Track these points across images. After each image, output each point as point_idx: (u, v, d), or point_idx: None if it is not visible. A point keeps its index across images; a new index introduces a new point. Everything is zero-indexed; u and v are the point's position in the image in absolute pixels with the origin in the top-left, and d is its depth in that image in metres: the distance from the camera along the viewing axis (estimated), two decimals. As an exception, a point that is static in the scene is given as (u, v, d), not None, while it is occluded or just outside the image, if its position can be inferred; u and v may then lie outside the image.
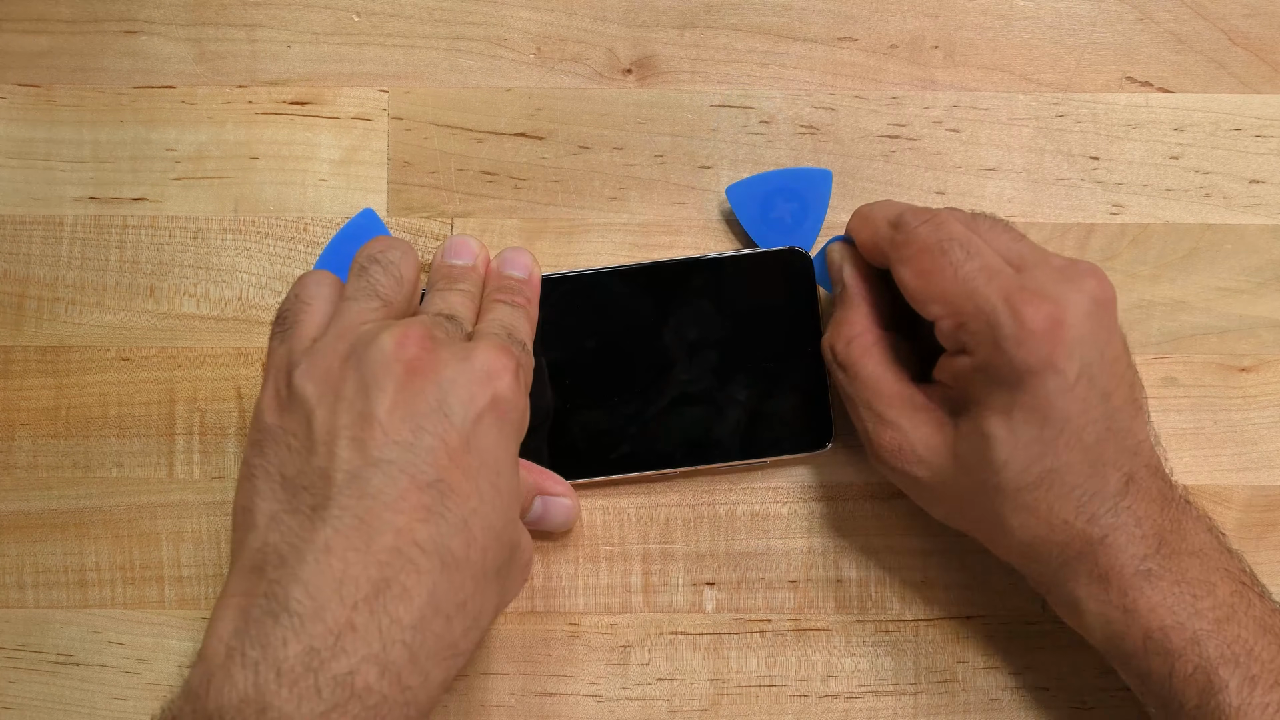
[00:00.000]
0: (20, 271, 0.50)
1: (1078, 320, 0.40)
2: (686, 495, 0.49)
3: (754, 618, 0.49)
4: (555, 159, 0.51)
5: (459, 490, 0.38)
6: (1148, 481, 0.41)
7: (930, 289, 0.42)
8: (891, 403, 0.44)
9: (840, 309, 0.46)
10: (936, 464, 0.43)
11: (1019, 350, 0.40)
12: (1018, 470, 0.41)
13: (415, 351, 0.39)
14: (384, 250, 0.43)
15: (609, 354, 0.48)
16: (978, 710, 0.48)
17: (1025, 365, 0.40)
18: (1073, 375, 0.40)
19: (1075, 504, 0.41)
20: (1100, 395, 0.41)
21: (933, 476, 0.43)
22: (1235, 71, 0.51)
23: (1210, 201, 0.51)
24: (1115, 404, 0.41)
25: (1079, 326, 0.40)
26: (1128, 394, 0.42)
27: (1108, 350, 0.41)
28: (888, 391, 0.44)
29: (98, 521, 0.49)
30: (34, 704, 0.49)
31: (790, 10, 0.51)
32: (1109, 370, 0.41)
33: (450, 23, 0.51)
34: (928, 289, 0.42)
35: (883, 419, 0.44)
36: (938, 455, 0.43)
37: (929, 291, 0.42)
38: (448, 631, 0.37)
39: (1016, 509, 0.41)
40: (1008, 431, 0.41)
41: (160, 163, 0.51)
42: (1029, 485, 0.41)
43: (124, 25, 0.51)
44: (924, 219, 0.43)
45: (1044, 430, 0.40)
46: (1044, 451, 0.40)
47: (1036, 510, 0.41)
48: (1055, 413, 0.40)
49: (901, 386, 0.44)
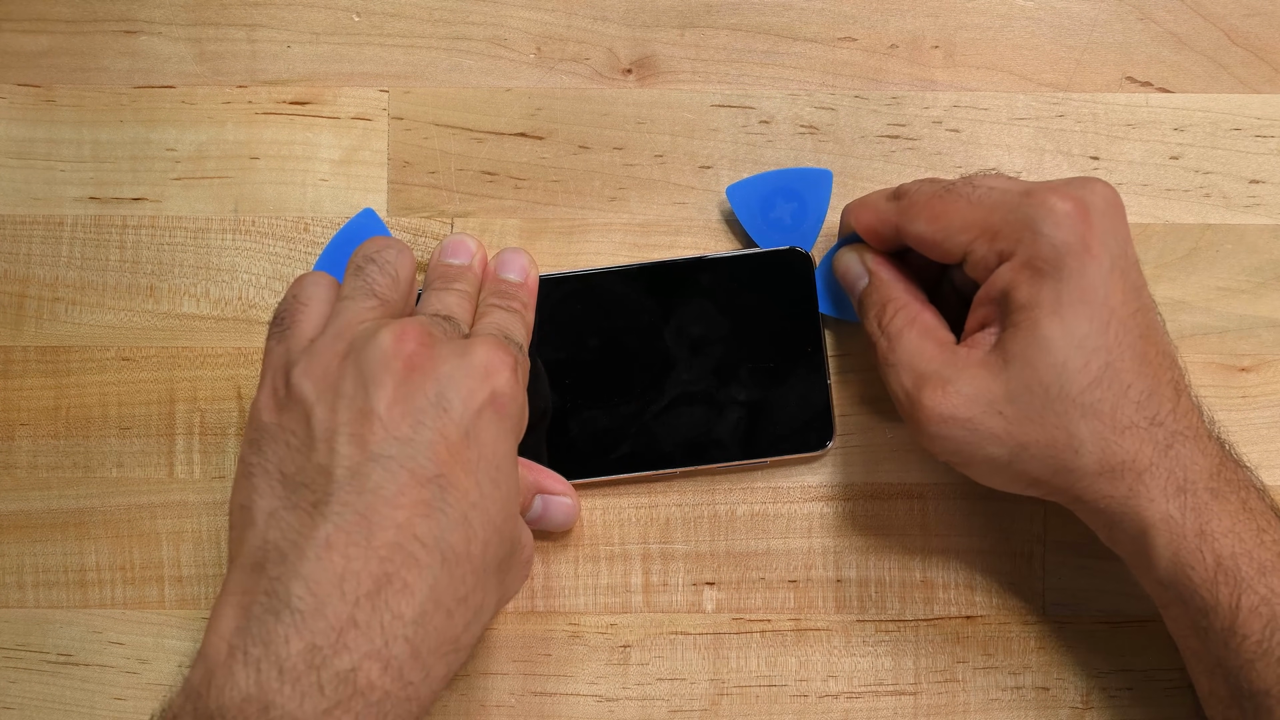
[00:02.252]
0: (20, 271, 0.50)
1: (1099, 211, 0.42)
2: (686, 495, 0.49)
3: (754, 618, 0.49)
4: (555, 159, 0.51)
5: (459, 485, 0.38)
6: (1191, 399, 0.42)
7: (950, 224, 0.43)
8: (938, 360, 0.43)
9: (875, 291, 0.46)
10: (992, 406, 0.42)
11: (1057, 231, 0.41)
12: (1078, 368, 0.41)
13: (414, 348, 0.39)
14: (380, 250, 0.44)
15: (609, 354, 0.48)
16: (978, 710, 0.48)
17: (1065, 245, 0.41)
18: (1107, 261, 0.41)
19: (1135, 403, 0.41)
20: (1134, 289, 0.42)
21: (990, 421, 0.42)
22: (1235, 71, 0.51)
23: (1210, 201, 0.51)
24: (1146, 303, 0.42)
25: (1102, 216, 0.42)
26: (1152, 304, 0.43)
27: (1128, 249, 0.42)
28: (932, 352, 0.44)
29: (98, 521, 0.49)
30: (34, 704, 0.49)
31: (790, 10, 0.51)
32: (1134, 267, 0.42)
33: (450, 23, 0.51)
34: (948, 225, 0.43)
35: (932, 379, 0.43)
36: (992, 395, 0.42)
37: (950, 226, 0.43)
38: (449, 626, 0.38)
39: (1084, 413, 0.41)
40: (1061, 329, 0.41)
41: (160, 163, 0.51)
42: (1090, 384, 0.41)
43: (124, 25, 0.51)
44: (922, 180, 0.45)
45: (1094, 321, 0.41)
46: (1098, 344, 0.41)
47: (1102, 413, 0.41)
48: (1100, 299, 0.41)
49: (946, 347, 0.44)
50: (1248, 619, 0.39)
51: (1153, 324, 0.42)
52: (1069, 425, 0.41)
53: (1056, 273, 0.41)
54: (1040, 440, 0.42)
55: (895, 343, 0.45)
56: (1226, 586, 0.40)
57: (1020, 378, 0.41)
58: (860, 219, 0.46)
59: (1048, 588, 0.49)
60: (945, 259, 0.44)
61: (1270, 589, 0.39)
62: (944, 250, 0.44)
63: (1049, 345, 0.41)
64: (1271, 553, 0.40)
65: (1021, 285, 0.41)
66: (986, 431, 0.42)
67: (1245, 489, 0.41)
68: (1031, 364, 0.41)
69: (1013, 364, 0.42)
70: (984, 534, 0.49)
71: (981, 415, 0.42)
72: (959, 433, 0.42)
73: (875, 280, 0.46)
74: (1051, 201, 0.41)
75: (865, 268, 0.47)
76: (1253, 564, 0.40)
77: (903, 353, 0.44)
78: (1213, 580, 0.40)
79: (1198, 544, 0.40)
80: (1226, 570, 0.40)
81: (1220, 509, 0.40)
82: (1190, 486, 0.41)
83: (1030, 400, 0.41)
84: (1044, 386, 0.41)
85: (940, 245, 0.44)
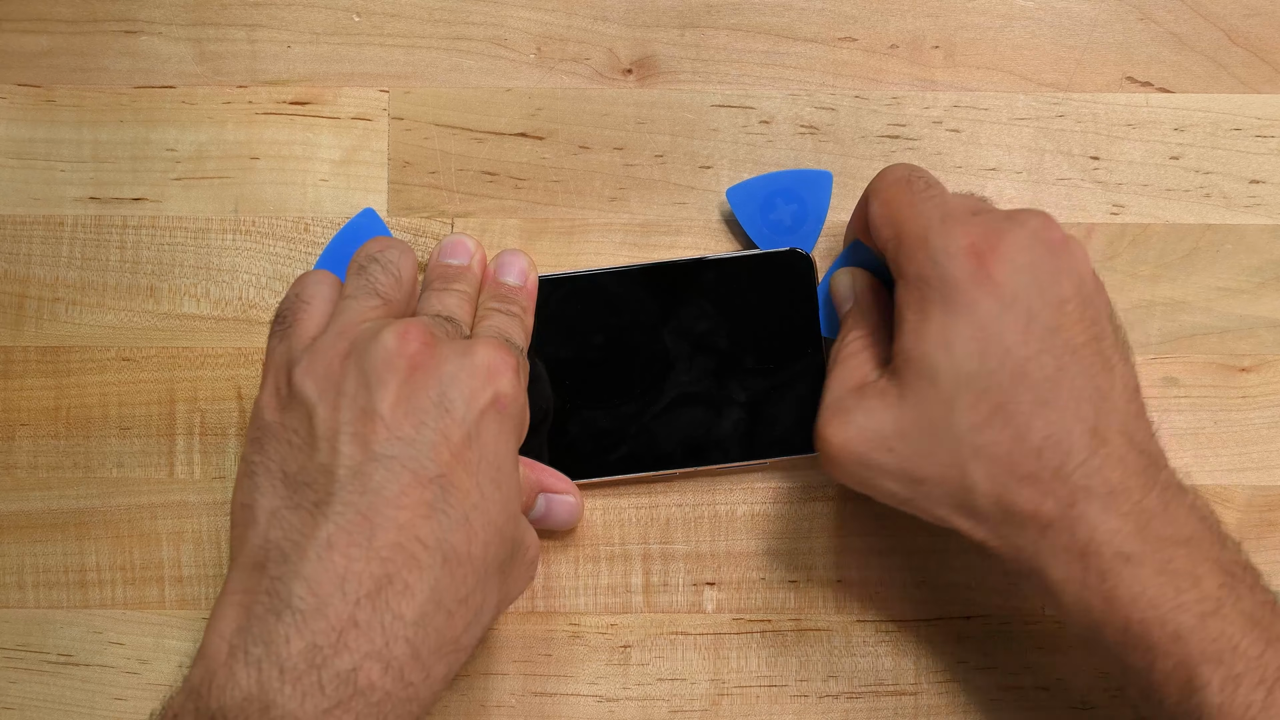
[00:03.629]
0: (20, 271, 0.50)
1: (1012, 248, 0.40)
2: (687, 495, 0.49)
3: (754, 618, 0.49)
4: (555, 159, 0.51)
5: (460, 486, 0.38)
6: (1123, 449, 0.40)
7: (886, 213, 0.43)
8: (848, 388, 0.43)
9: (850, 317, 0.46)
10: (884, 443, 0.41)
11: (949, 263, 0.40)
12: (966, 405, 0.40)
13: (417, 348, 0.39)
14: (383, 250, 0.44)
15: (609, 355, 0.48)
16: (978, 710, 0.48)
17: (954, 279, 0.40)
18: (1006, 295, 0.40)
19: (1035, 450, 0.39)
20: (1045, 330, 0.40)
21: (882, 457, 0.41)
22: (1235, 71, 0.51)
23: (1210, 201, 0.51)
24: (1069, 345, 0.40)
25: (1013, 253, 0.40)
26: (1091, 345, 0.41)
27: (1052, 288, 0.40)
28: (850, 380, 0.44)
29: (98, 521, 0.49)
30: (34, 704, 0.49)
31: (790, 10, 0.51)
32: (1056, 308, 0.40)
33: (450, 23, 0.51)
34: (883, 213, 0.43)
35: (834, 409, 0.43)
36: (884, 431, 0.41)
37: (884, 216, 0.43)
38: (450, 627, 0.38)
39: (976, 455, 0.40)
40: (949, 363, 0.40)
41: (160, 163, 0.51)
42: (980, 423, 0.40)
43: (124, 25, 0.51)
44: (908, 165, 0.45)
45: (984, 358, 0.40)
46: (989, 383, 0.39)
47: (997, 456, 0.39)
48: (991, 337, 0.40)
49: (863, 377, 0.44)
50: (1163, 683, 0.38)
51: (1070, 367, 0.40)
52: (961, 465, 0.40)
53: (944, 304, 0.40)
54: (934, 477, 0.41)
55: (832, 369, 0.45)
56: (1138, 652, 0.38)
57: (910, 413, 0.41)
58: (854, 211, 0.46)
59: (1048, 588, 0.49)
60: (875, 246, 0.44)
61: (1185, 654, 0.38)
62: (876, 236, 0.43)
63: (936, 379, 0.40)
64: (1190, 615, 0.38)
65: (911, 308, 0.41)
66: (879, 467, 0.42)
67: (1174, 545, 0.39)
68: (920, 398, 0.41)
69: (906, 397, 0.41)
70: (984, 534, 0.49)
71: (872, 450, 0.42)
72: (853, 467, 0.42)
73: (856, 306, 0.46)
74: (956, 232, 0.41)
75: (853, 292, 0.47)
76: (1165, 630, 0.38)
77: (831, 379, 0.45)
78: (1124, 644, 0.39)
79: (1104, 608, 0.39)
80: (1136, 636, 0.38)
81: (1130, 574, 0.38)
82: (1095, 550, 0.39)
83: (920, 437, 0.41)
84: (932, 423, 0.40)
85: (874, 232, 0.44)
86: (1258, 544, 0.49)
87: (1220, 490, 0.49)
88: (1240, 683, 0.37)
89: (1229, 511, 0.49)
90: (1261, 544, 0.49)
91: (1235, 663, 0.38)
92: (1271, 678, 0.38)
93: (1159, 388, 0.50)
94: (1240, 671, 0.37)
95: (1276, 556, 0.49)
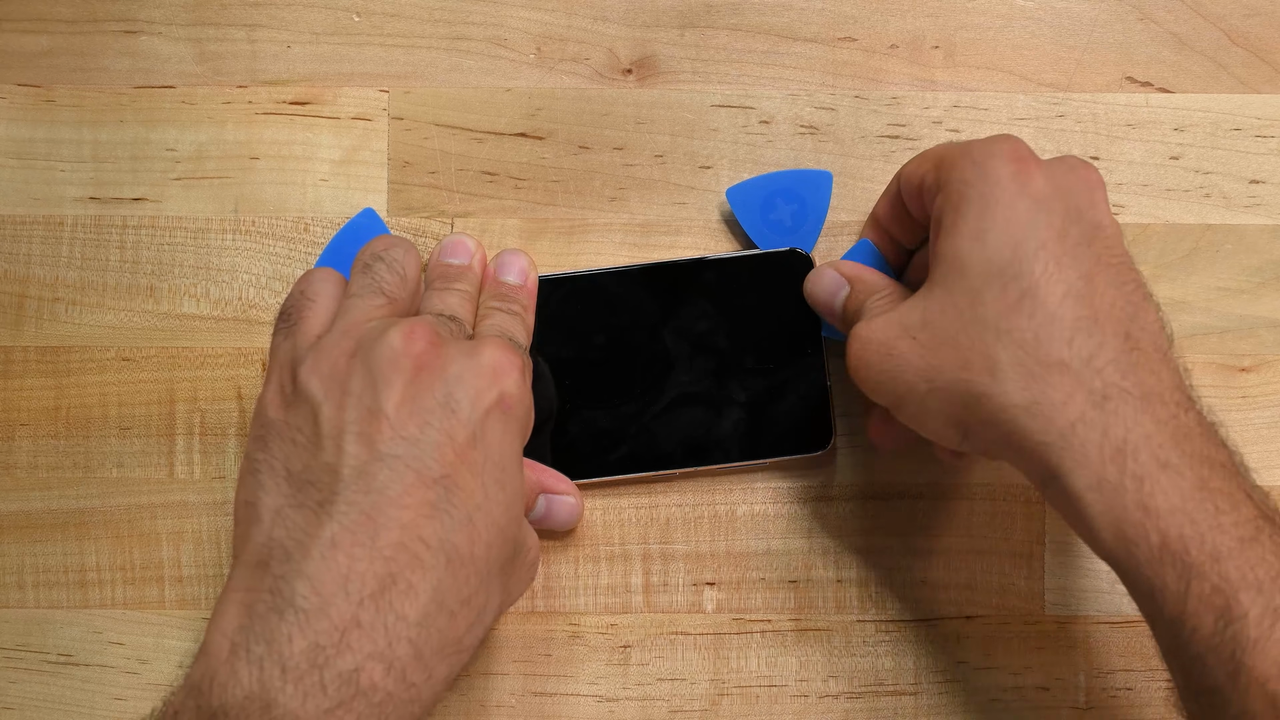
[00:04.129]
0: (20, 271, 0.50)
1: (1053, 168, 0.41)
2: (687, 495, 0.49)
3: (754, 618, 0.49)
4: (555, 159, 0.51)
5: (464, 486, 0.38)
6: (1157, 361, 0.39)
7: (924, 156, 0.44)
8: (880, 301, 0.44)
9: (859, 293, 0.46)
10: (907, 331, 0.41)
11: (989, 162, 0.41)
12: (996, 292, 0.39)
13: (423, 347, 0.39)
14: (388, 248, 0.44)
15: (609, 355, 0.48)
16: (978, 710, 0.48)
17: (994, 177, 0.40)
18: (1043, 197, 0.40)
19: (1064, 339, 0.38)
20: (1079, 240, 0.40)
21: (903, 345, 0.41)
22: (1235, 71, 0.51)
23: (1210, 201, 0.51)
24: (1102, 260, 0.40)
25: (1053, 172, 0.41)
26: (1123, 267, 0.40)
27: (1089, 211, 0.41)
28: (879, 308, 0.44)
29: (98, 521, 0.49)
30: (34, 704, 0.49)
31: (790, 10, 0.51)
32: (1091, 229, 0.40)
33: (450, 23, 0.51)
34: (922, 158, 0.44)
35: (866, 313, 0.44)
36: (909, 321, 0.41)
37: (923, 159, 0.44)
38: (452, 628, 0.38)
39: (1000, 338, 0.39)
40: (980, 254, 0.40)
41: (160, 163, 0.51)
42: (1009, 308, 0.39)
43: (124, 25, 0.51)
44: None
45: (1018, 249, 0.39)
46: (1019, 270, 0.39)
47: (1024, 341, 0.39)
48: (1026, 232, 0.40)
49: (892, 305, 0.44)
50: (1197, 609, 0.36)
51: (1105, 272, 0.39)
52: (984, 347, 0.39)
53: (981, 200, 0.40)
54: (954, 362, 0.40)
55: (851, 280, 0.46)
56: (1173, 571, 0.36)
57: (937, 303, 0.41)
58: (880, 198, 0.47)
59: (1048, 588, 0.49)
60: (911, 194, 0.45)
61: (1223, 577, 0.35)
62: (910, 182, 0.44)
63: (966, 270, 0.40)
64: (1230, 537, 0.36)
65: (948, 212, 0.41)
66: (900, 356, 0.41)
67: (1210, 466, 0.37)
68: (949, 289, 0.40)
69: (933, 290, 0.41)
70: (984, 534, 0.49)
71: (895, 339, 0.41)
72: (874, 358, 0.42)
73: (861, 283, 0.46)
74: (994, 141, 0.41)
75: (844, 276, 0.47)
76: (1204, 549, 0.36)
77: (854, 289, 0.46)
78: (1158, 561, 0.36)
79: (1140, 518, 0.36)
80: (1173, 553, 0.36)
81: (1169, 483, 0.36)
82: (1131, 451, 0.37)
83: (944, 323, 0.40)
84: (958, 310, 0.40)
85: (910, 176, 0.44)
86: (1258, 544, 0.49)
87: (1220, 490, 0.49)
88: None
89: (1229, 511, 0.49)
90: (1261, 544, 0.49)
91: (1276, 594, 0.35)
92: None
93: (1159, 388, 0.50)
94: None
95: (1276, 556, 0.49)
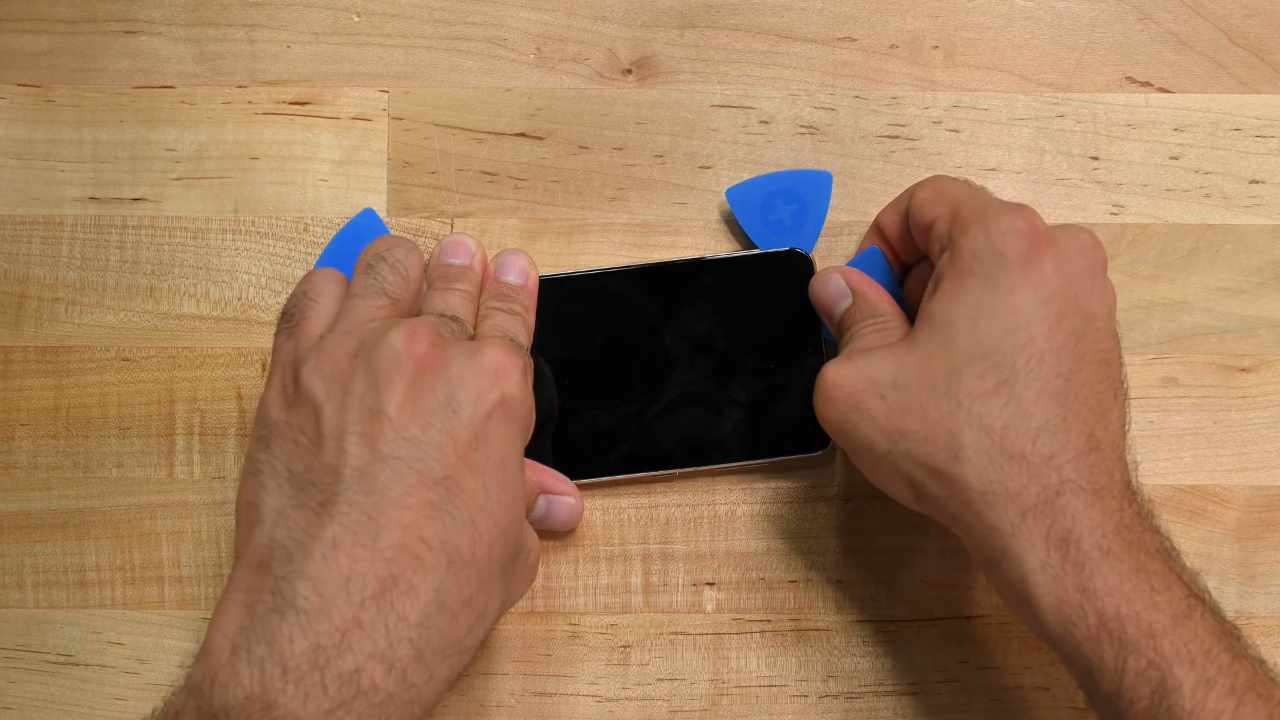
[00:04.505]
0: (20, 271, 0.50)
1: (1064, 250, 0.41)
2: (687, 495, 0.49)
3: (754, 618, 0.49)
4: (555, 159, 0.51)
5: (466, 487, 0.38)
6: (1112, 461, 0.40)
7: (940, 196, 0.44)
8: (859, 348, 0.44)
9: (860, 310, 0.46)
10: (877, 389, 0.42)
11: (1004, 239, 0.41)
12: (974, 375, 0.40)
13: (425, 348, 0.39)
14: (390, 249, 0.43)
15: (609, 355, 0.48)
16: (978, 710, 0.48)
17: (1002, 256, 0.41)
18: (1044, 294, 0.40)
19: (1031, 434, 0.39)
20: (1070, 334, 0.41)
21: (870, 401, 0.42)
22: (1235, 71, 0.51)
23: (1210, 201, 0.51)
24: (1086, 356, 0.41)
25: (1063, 254, 0.41)
26: (1103, 366, 0.41)
27: (1086, 301, 0.41)
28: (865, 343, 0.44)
29: (98, 522, 0.49)
30: (34, 704, 0.49)
31: (790, 10, 0.51)
32: (1085, 320, 0.41)
33: (450, 23, 0.51)
34: (937, 196, 0.44)
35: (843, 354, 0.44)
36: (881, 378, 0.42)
37: (938, 198, 0.44)
38: (453, 629, 0.38)
39: (971, 421, 0.40)
40: (971, 332, 0.40)
41: (160, 163, 0.51)
42: (985, 392, 0.40)
43: (124, 25, 0.51)
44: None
45: (1007, 340, 0.40)
46: (1004, 359, 0.40)
47: (991, 428, 0.40)
48: (1022, 324, 0.40)
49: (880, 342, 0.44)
50: (1134, 683, 0.38)
51: (1084, 372, 0.40)
52: (952, 426, 0.40)
53: (985, 280, 0.41)
54: (918, 432, 0.41)
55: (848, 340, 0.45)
56: (1111, 648, 0.38)
57: (913, 367, 0.41)
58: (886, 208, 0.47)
59: (1048, 588, 0.49)
60: (918, 230, 0.45)
61: (1158, 652, 0.37)
62: (921, 217, 0.44)
63: (951, 344, 0.41)
64: (1164, 615, 0.38)
65: (951, 277, 0.42)
66: (865, 410, 0.42)
67: (1147, 553, 0.39)
68: (929, 357, 0.41)
69: (913, 351, 0.42)
70: (984, 534, 0.49)
71: (864, 393, 0.42)
72: (840, 405, 0.43)
73: (862, 299, 0.46)
74: (1015, 217, 0.41)
75: (849, 288, 0.47)
76: (1140, 626, 0.38)
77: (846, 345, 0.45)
78: (1096, 639, 0.38)
79: (1079, 599, 0.38)
80: (1110, 631, 0.38)
81: (1108, 568, 0.38)
82: (1076, 540, 0.39)
83: (916, 390, 0.41)
84: (933, 380, 0.41)
85: (921, 211, 0.44)
86: (1258, 544, 0.49)
87: (1220, 490, 0.49)
88: (1212, 688, 0.37)
89: (1229, 511, 0.49)
90: (1261, 544, 0.49)
91: (1208, 667, 0.37)
92: (1242, 686, 0.37)
93: (1159, 388, 0.50)
94: (1212, 676, 0.37)
95: (1276, 556, 0.49)
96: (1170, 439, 0.50)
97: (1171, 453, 0.50)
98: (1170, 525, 0.47)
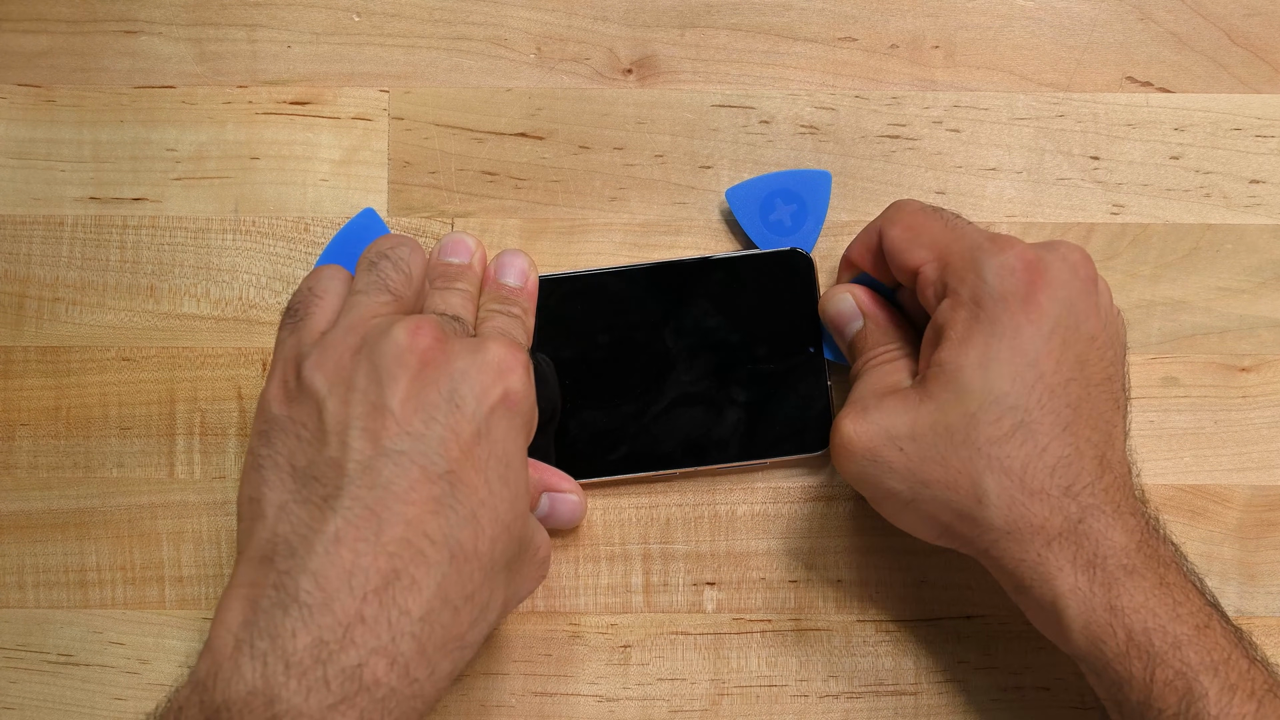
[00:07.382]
0: (20, 271, 0.50)
1: (1056, 279, 0.42)
2: (687, 495, 0.49)
3: (754, 618, 0.49)
4: (555, 159, 0.51)
5: (469, 483, 0.38)
6: (1123, 478, 0.42)
7: (918, 237, 0.44)
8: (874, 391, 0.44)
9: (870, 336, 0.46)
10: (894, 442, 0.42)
11: (999, 282, 0.41)
12: (990, 420, 0.41)
13: (428, 344, 0.39)
14: (394, 246, 0.44)
15: (610, 355, 0.48)
16: (978, 710, 0.48)
17: (1004, 298, 0.41)
18: (1048, 325, 0.41)
19: (1049, 468, 0.41)
20: (1075, 361, 0.41)
21: (890, 454, 0.42)
22: (1235, 71, 0.51)
23: (1210, 201, 0.51)
24: (1091, 379, 0.42)
25: (1056, 284, 0.42)
26: (1107, 384, 0.42)
27: (1085, 323, 0.42)
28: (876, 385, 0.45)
29: (98, 521, 0.49)
30: (34, 704, 0.49)
31: (790, 10, 0.51)
32: (1086, 342, 0.42)
33: (450, 23, 0.51)
34: (915, 238, 0.44)
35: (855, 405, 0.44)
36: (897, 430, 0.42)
37: (917, 240, 0.44)
38: (455, 624, 0.38)
39: (990, 466, 0.41)
40: (982, 381, 0.41)
41: (160, 163, 0.51)
42: (1001, 438, 0.41)
43: (124, 25, 0.51)
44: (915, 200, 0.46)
45: (1018, 380, 0.41)
46: (1016, 403, 0.41)
47: (1011, 469, 0.41)
48: (1029, 360, 0.41)
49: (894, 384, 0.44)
50: (1162, 693, 0.39)
51: (1090, 397, 0.42)
52: (973, 473, 0.41)
53: (991, 324, 0.41)
54: (941, 480, 0.42)
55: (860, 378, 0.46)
56: (1139, 661, 0.40)
57: (929, 418, 0.42)
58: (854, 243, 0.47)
59: (1048, 588, 0.49)
60: (901, 272, 0.45)
61: (1184, 663, 0.39)
62: (903, 261, 0.44)
63: (965, 394, 0.41)
64: (1187, 626, 0.40)
65: (955, 326, 0.42)
66: (886, 464, 0.43)
67: (1165, 566, 0.41)
68: (944, 408, 0.42)
69: (926, 403, 0.42)
70: (984, 534, 0.49)
71: (883, 446, 0.43)
72: (861, 462, 0.43)
73: (872, 324, 0.46)
74: (1006, 254, 0.42)
75: (860, 310, 0.47)
76: (1166, 638, 0.39)
77: (858, 386, 0.46)
78: (1125, 654, 0.40)
79: (1108, 618, 0.40)
80: (1138, 645, 0.40)
81: (1133, 585, 0.40)
82: (1101, 562, 0.40)
83: (934, 441, 0.42)
84: (949, 431, 0.41)
85: (902, 254, 0.44)
86: (1258, 544, 0.49)
87: (1220, 490, 0.49)
88: (1235, 693, 0.39)
89: (1229, 511, 0.49)
90: (1261, 544, 0.49)
91: (1229, 673, 0.39)
92: (1261, 690, 0.39)
93: (1159, 388, 0.50)
94: (1235, 682, 0.39)
95: (1276, 556, 0.49)
96: (1170, 439, 0.50)
97: (1172, 452, 0.50)
98: (1170, 525, 0.47)
